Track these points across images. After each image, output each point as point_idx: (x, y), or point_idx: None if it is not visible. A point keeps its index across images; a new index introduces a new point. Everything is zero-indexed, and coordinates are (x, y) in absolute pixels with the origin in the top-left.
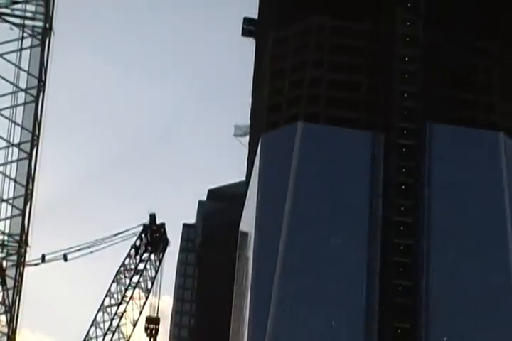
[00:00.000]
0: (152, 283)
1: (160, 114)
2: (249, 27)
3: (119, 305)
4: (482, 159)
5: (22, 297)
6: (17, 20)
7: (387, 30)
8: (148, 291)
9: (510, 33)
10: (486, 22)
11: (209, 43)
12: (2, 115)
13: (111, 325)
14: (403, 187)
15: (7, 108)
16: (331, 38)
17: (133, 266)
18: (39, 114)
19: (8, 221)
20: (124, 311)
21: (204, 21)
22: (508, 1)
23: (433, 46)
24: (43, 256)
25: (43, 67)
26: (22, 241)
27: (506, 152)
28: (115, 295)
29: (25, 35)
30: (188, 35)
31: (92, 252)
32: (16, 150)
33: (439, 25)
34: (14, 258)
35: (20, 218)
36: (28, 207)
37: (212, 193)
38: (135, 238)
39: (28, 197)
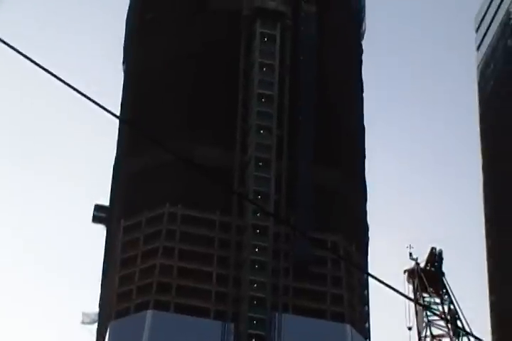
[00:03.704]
0: None
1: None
2: (100, 214)
3: None
4: None
5: None
6: None
7: (237, 221)
8: None
9: (349, 228)
10: (326, 216)
11: (58, 229)
12: None
13: None
14: None
15: None
16: (182, 226)
17: None
18: None
19: None
20: None
21: (55, 209)
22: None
23: (282, 237)
24: None
25: None
26: None
27: None
28: None
29: None
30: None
31: None
32: None
33: (288, 219)
34: None
35: None
36: None
37: None
38: None
39: None
